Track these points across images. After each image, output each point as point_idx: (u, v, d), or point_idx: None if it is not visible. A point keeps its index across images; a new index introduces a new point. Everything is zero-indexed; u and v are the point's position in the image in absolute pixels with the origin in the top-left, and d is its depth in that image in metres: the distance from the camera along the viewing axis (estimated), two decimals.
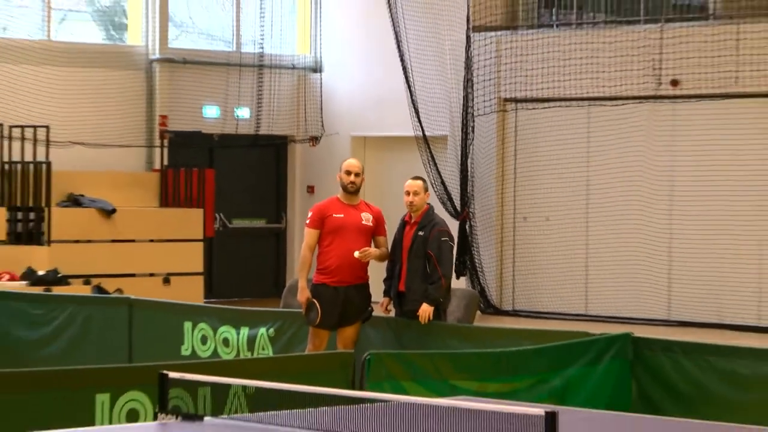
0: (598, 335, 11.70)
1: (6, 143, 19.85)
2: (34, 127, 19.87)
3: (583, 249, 20.58)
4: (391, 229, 12.41)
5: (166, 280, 20.10)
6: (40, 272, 18.55)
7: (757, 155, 18.98)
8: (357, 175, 12.05)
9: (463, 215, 20.88)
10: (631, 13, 20.70)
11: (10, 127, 19.83)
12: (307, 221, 12.24)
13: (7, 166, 19.79)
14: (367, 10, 22.29)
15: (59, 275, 18.61)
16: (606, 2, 21.29)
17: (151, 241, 20.85)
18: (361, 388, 9.08)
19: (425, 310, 11.78)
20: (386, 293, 12.37)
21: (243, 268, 22.75)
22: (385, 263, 12.34)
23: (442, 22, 21.40)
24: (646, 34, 19.89)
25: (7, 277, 18.09)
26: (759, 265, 18.92)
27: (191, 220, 21.13)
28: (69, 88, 21.12)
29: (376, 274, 12.55)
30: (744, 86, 18.86)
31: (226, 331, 12.83)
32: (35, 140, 19.88)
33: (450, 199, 20.81)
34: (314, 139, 23.26)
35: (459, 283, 18.16)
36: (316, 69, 23.57)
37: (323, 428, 6.10)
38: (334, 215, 11.91)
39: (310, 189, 22.90)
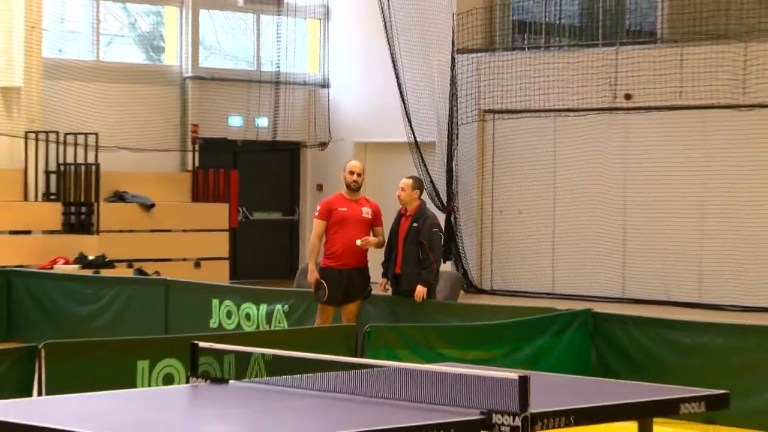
0: (563, 311, 11.77)
1: (61, 148, 19.83)
2: (86, 134, 19.85)
3: (550, 237, 20.56)
4: (387, 220, 12.43)
5: (197, 264, 20.09)
6: (90, 257, 18.54)
7: (696, 156, 18.99)
8: (359, 174, 12.16)
9: (448, 209, 20.87)
10: (591, 38, 20.69)
11: (65, 134, 19.82)
12: (316, 214, 12.32)
13: (62, 167, 19.80)
14: (367, 34, 22.26)
15: (106, 260, 18.60)
16: (569, 28, 21.31)
17: (184, 230, 20.84)
18: (362, 356, 9.08)
19: (420, 291, 11.94)
20: (384, 275, 12.48)
21: (262, 253, 22.72)
22: (382, 249, 12.38)
23: (430, 45, 21.37)
24: (603, 55, 19.88)
25: (62, 261, 18.08)
26: (700, 252, 18.93)
27: (218, 213, 21.14)
28: (115, 101, 21.11)
29: (375, 258, 12.59)
30: (687, 99, 18.85)
31: (248, 307, 12.88)
32: (86, 145, 19.87)
33: (437, 195, 20.79)
34: (323, 145, 23.25)
35: (445, 267, 18.09)
36: (324, 85, 23.54)
37: (330, 390, 6.11)
38: (339, 209, 12.02)
39: (319, 187, 22.87)
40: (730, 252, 18.63)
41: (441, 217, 17.37)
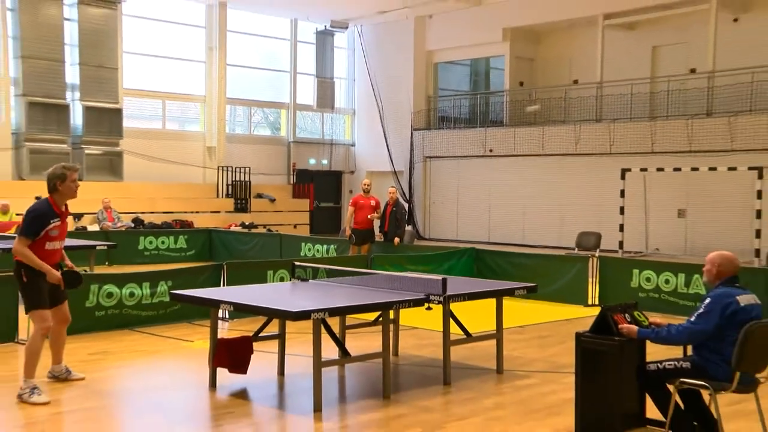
0: (462, 248, 11.71)
1: (234, 173, 19.86)
2: (245, 167, 19.87)
3: (455, 213, 20.51)
4: (381, 206, 12.47)
5: (295, 226, 20.08)
6: (246, 223, 18.57)
7: (521, 175, 18.98)
8: (368, 185, 12.14)
9: (409, 201, 20.87)
10: (474, 123, 20.58)
11: (236, 167, 19.83)
12: (350, 204, 12.31)
13: (234, 182, 19.89)
14: (372, 121, 22.22)
15: (254, 224, 18.65)
16: (464, 119, 21.22)
17: (289, 211, 20.67)
18: (370, 268, 9.08)
19: (396, 240, 11.95)
20: (380, 231, 12.40)
21: (324, 222, 22.47)
22: (378, 221, 12.38)
23: (401, 126, 21.38)
24: (479, 131, 19.89)
25: (234, 225, 18.19)
26: (523, 218, 18.93)
27: (304, 203, 21.11)
28: (257, 152, 21.12)
29: (376, 224, 12.57)
30: (518, 152, 18.88)
31: (318, 246, 12.85)
32: (245, 172, 19.87)
33: (404, 194, 20.78)
34: (352, 172, 23.17)
35: (408, 228, 18.00)
36: (353, 144, 23.43)
37: (355, 284, 6.14)
38: (359, 201, 11.96)
39: (351, 191, 22.75)
40: (538, 219, 18.65)
41: (406, 205, 17.35)
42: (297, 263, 6.89)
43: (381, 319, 5.66)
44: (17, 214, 14.50)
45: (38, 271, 5.19)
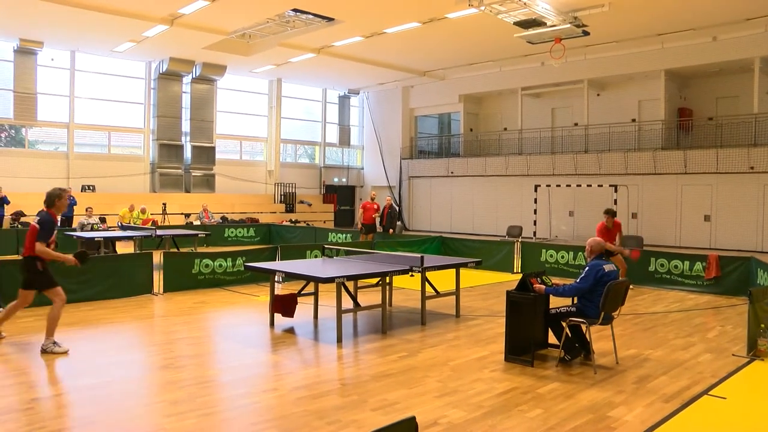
0: (433, 236, 11.55)
1: (285, 187, 19.65)
2: (291, 184, 19.68)
3: (428, 213, 20.30)
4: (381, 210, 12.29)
5: (324, 222, 19.81)
6: (292, 219, 18.29)
7: (473, 191, 18.69)
8: (372, 195, 11.92)
9: (399, 205, 20.67)
10: (441, 155, 20.31)
11: (285, 183, 19.62)
12: (360, 207, 12.04)
13: (285, 193, 19.57)
14: (374, 153, 22.00)
15: (297, 220, 18.40)
16: (435, 152, 21.01)
17: (321, 212, 20.35)
18: (373, 250, 9.00)
19: (390, 231, 11.69)
20: (380, 225, 12.21)
21: (343, 219, 22.22)
22: (378, 218, 12.16)
23: (393, 156, 21.10)
24: (444, 160, 19.60)
25: (285, 221, 17.88)
26: (473, 214, 18.73)
27: (330, 207, 20.68)
28: (300, 173, 20.84)
29: (377, 221, 12.37)
30: (471, 173, 18.61)
31: (340, 234, 12.59)
32: (292, 186, 19.65)
33: (395, 201, 20.57)
34: (361, 186, 22.96)
35: (398, 223, 17.92)
36: (362, 168, 23.23)
37: (364, 260, 6.05)
38: (366, 205, 11.69)
39: (361, 199, 22.55)
40: (483, 216, 18.45)
41: (397, 208, 17.17)
42: (326, 246, 6.84)
43: (380, 282, 5.64)
44: (151, 214, 14.66)
45: (50, 261, 4.34)
